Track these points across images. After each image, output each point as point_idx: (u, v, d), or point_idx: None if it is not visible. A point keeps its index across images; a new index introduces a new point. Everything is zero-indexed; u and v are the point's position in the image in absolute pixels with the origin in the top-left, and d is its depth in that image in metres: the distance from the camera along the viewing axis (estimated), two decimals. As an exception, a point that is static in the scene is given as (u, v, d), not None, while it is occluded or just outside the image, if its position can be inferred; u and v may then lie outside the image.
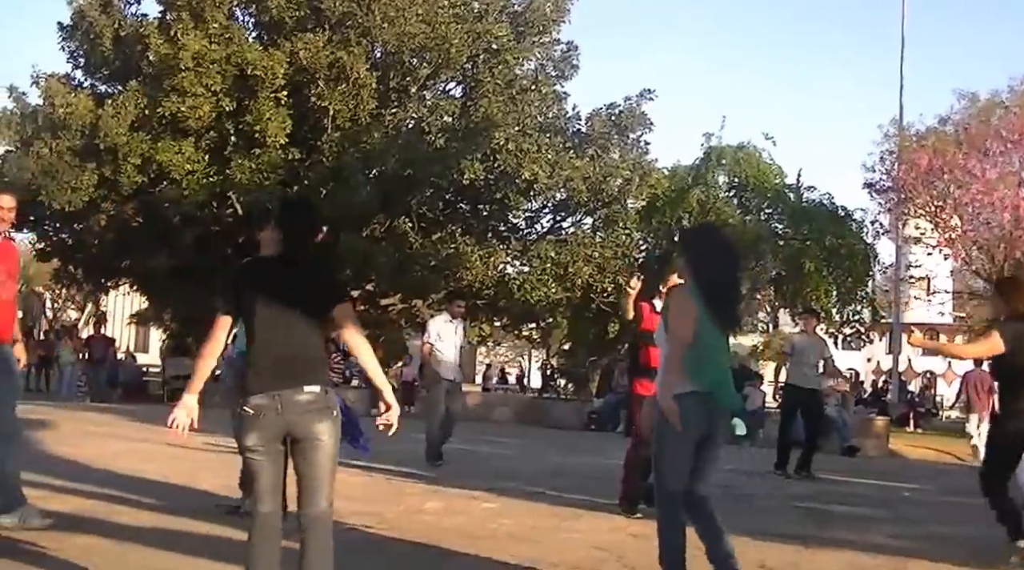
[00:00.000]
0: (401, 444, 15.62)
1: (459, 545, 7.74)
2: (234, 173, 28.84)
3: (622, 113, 31.99)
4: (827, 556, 8.14)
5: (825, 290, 31.14)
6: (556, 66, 33.33)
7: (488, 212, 32.97)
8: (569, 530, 8.89)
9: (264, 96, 28.87)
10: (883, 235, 34.78)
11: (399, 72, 31.62)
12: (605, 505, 10.22)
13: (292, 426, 5.05)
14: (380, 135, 30.33)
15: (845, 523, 10.27)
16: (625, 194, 31.43)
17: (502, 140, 29.17)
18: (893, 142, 33.43)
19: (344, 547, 7.68)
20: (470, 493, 10.37)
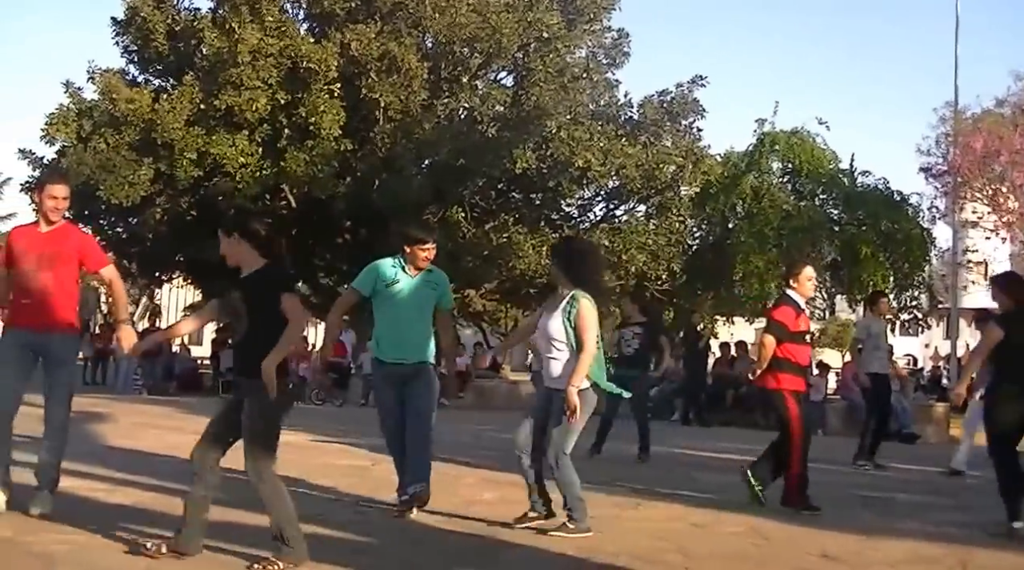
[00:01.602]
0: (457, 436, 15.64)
1: (517, 536, 7.69)
2: (288, 165, 28.96)
3: (674, 99, 31.80)
4: (890, 545, 8.03)
5: (882, 276, 30.77)
6: (607, 54, 33.22)
7: (541, 201, 32.90)
8: (628, 519, 8.83)
9: (317, 88, 28.99)
10: (940, 219, 34.41)
11: (450, 62, 31.62)
12: (664, 494, 10.15)
13: None
14: (432, 125, 30.34)
15: (907, 511, 10.14)
16: (678, 181, 31.25)
17: (554, 128, 29.10)
18: (948, 125, 33.03)
19: (401, 538, 7.71)
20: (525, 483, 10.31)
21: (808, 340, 9.70)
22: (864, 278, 29.99)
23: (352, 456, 13.00)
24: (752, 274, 29.50)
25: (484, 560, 7.04)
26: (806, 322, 9.76)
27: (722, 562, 7.04)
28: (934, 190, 33.36)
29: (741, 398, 24.65)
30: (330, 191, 29.53)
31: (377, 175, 30.06)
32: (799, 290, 9.92)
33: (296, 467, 11.08)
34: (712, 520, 8.91)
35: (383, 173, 29.87)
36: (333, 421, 19.29)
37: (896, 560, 7.47)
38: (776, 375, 9.63)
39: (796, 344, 9.61)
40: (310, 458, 12.31)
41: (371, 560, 6.66)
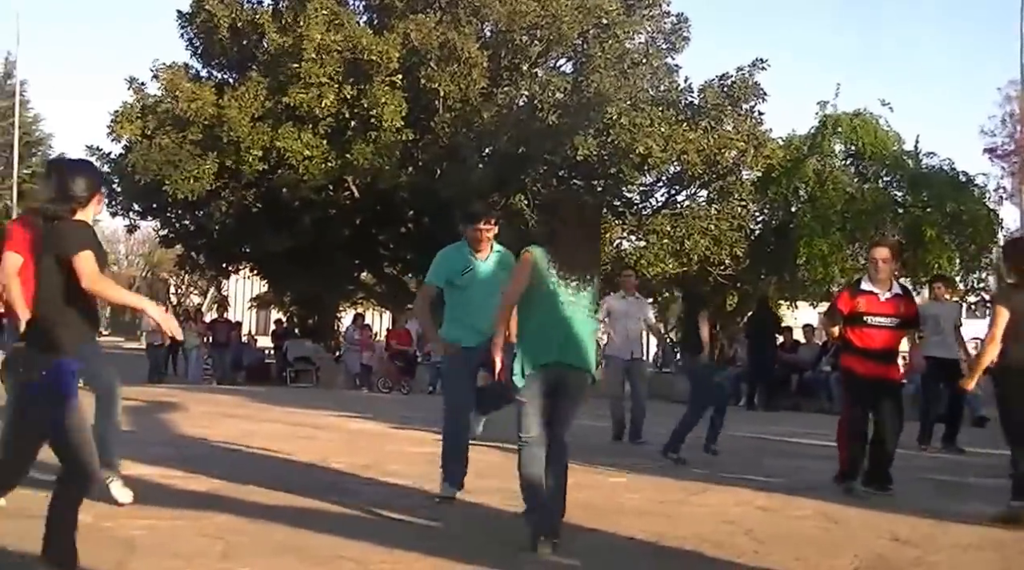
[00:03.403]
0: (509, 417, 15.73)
1: (587, 520, 7.72)
2: (354, 157, 29.18)
3: (734, 83, 31.60)
4: (962, 529, 7.99)
5: (948, 257, 30.46)
6: (667, 39, 33.16)
7: (602, 187, 32.84)
8: (696, 504, 8.86)
9: (379, 81, 29.17)
10: (1007, 200, 34.04)
11: (510, 50, 31.69)
12: (731, 479, 10.17)
13: None
14: (492, 114, 30.43)
15: (980, 495, 10.09)
16: (740, 165, 31.10)
17: (615, 115, 29.04)
18: (1014, 104, 32.66)
19: (475, 521, 7.80)
20: (596, 468, 10.37)
21: (869, 322, 9.65)
22: (930, 260, 29.71)
23: (424, 442, 13.10)
24: (815, 258, 29.30)
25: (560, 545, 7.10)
26: (870, 303, 9.70)
27: (791, 545, 7.05)
28: (1000, 170, 33.00)
29: (806, 382, 24.55)
30: (393, 181, 29.74)
31: (439, 164, 30.22)
32: (869, 271, 10.01)
33: (365, 454, 11.24)
34: (780, 504, 8.92)
35: (445, 162, 30.03)
36: (401, 409, 19.44)
37: (967, 544, 7.45)
38: (842, 356, 9.85)
39: (851, 326, 9.67)
40: (379, 445, 12.45)
41: (437, 544, 6.73)
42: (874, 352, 9.60)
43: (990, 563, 6.82)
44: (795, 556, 6.73)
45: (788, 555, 6.74)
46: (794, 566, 6.50)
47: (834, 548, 7.05)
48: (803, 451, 12.58)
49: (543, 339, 6.86)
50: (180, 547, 6.43)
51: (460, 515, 8.04)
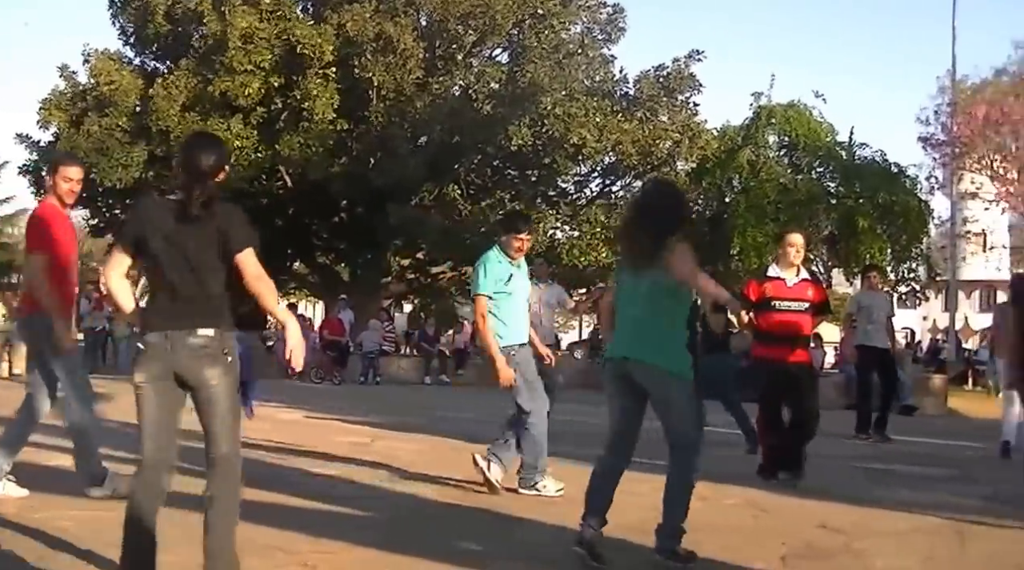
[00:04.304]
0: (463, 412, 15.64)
1: (522, 511, 7.70)
2: (283, 148, 28.96)
3: (670, 75, 31.76)
4: (891, 516, 8.04)
5: (879, 248, 30.79)
6: (602, 29, 33.21)
7: (537, 177, 32.89)
8: (624, 493, 8.80)
9: (312, 73, 28.98)
10: (938, 190, 34.42)
11: (445, 40, 31.62)
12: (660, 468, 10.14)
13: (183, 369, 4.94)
14: (426, 104, 30.36)
15: (908, 483, 10.15)
16: (675, 156, 31.27)
17: (549, 105, 29.07)
18: (948, 95, 33.02)
19: (405, 512, 7.74)
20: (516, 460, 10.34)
21: (777, 307, 9.65)
22: (861, 251, 30.00)
23: (353, 433, 13.02)
24: (749, 248, 29.49)
25: (494, 534, 7.05)
26: (777, 289, 9.72)
27: (720, 534, 7.05)
28: (932, 161, 33.37)
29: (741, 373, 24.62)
30: (325, 172, 29.57)
31: (373, 154, 30.09)
32: (780, 258, 10.00)
33: (295, 444, 11.13)
34: (710, 493, 8.89)
35: (378, 152, 29.91)
36: (333, 399, 19.32)
37: (895, 530, 7.49)
38: (752, 345, 10.01)
39: (761, 312, 9.68)
40: (310, 435, 12.34)
41: (377, 536, 6.66)
42: (781, 336, 9.60)
43: (915, 548, 6.86)
44: (723, 545, 6.73)
45: (716, 544, 6.73)
46: (722, 554, 6.49)
47: (762, 536, 7.06)
48: (734, 440, 12.59)
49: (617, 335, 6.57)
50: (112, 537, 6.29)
51: (391, 505, 7.98)
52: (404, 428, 13.60)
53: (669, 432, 6.35)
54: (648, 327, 6.27)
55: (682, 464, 6.37)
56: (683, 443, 6.33)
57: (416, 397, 22.27)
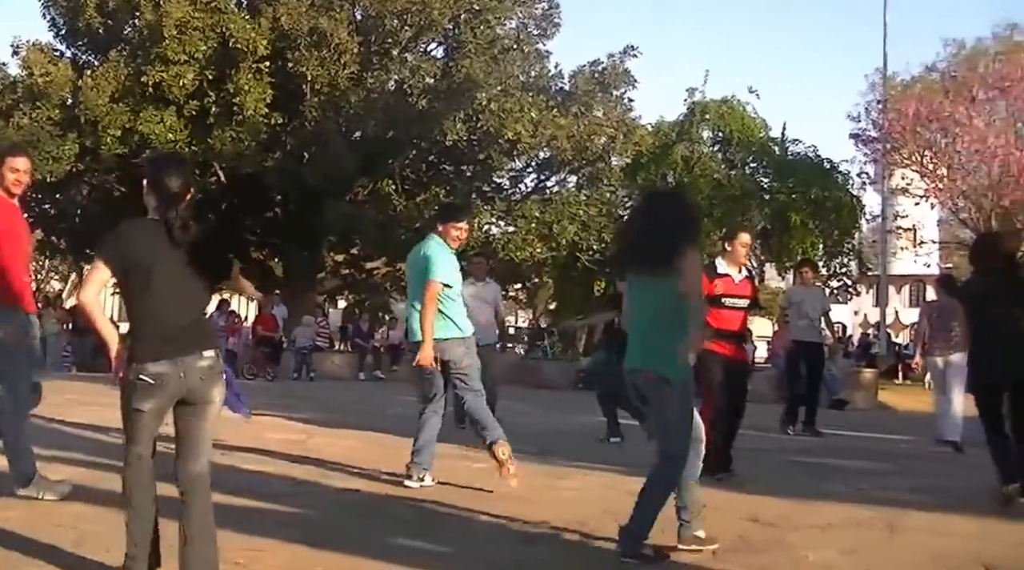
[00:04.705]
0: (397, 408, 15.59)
1: (453, 505, 7.71)
2: (216, 142, 28.71)
3: (605, 70, 31.86)
4: (822, 509, 8.13)
5: (812, 243, 31.06)
6: (538, 24, 33.22)
7: (472, 173, 32.88)
8: (564, 488, 8.87)
9: (245, 67, 28.74)
10: (869, 186, 34.78)
11: (380, 35, 31.50)
12: (599, 464, 10.19)
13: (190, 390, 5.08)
14: (360, 99, 30.26)
15: (838, 476, 10.25)
16: (609, 151, 31.36)
17: (484, 100, 29.06)
18: (879, 92, 33.37)
19: (340, 509, 7.70)
20: (461, 454, 10.33)
21: (727, 304, 9.71)
22: (794, 246, 30.25)
23: (286, 429, 12.94)
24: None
25: (426, 530, 7.03)
26: (727, 286, 9.77)
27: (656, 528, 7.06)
28: (864, 157, 33.69)
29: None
30: (259, 166, 29.37)
31: (307, 149, 29.96)
32: (731, 256, 10.01)
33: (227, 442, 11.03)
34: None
35: (312, 147, 29.79)
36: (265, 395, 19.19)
37: (826, 523, 7.57)
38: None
39: (712, 308, 9.68)
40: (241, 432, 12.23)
41: (308, 533, 6.63)
42: (731, 333, 9.68)
43: (845, 540, 6.94)
44: (656, 539, 6.74)
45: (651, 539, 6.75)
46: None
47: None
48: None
49: (630, 345, 6.53)
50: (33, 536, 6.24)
51: (324, 502, 7.94)
52: (338, 424, 13.54)
53: (662, 438, 6.37)
54: (656, 336, 6.28)
55: (660, 476, 6.35)
56: (666, 455, 6.33)
57: (350, 393, 22.18)
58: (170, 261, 5.00)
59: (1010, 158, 27.56)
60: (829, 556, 6.51)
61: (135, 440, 5.23)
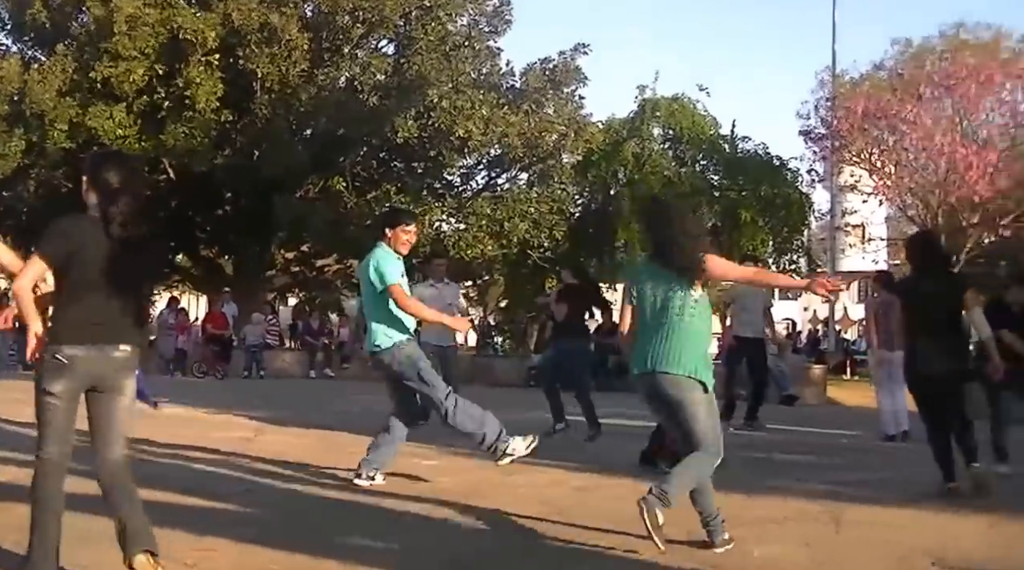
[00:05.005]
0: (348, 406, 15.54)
1: (402, 503, 7.71)
2: (167, 138, 28.49)
3: (556, 68, 31.91)
4: (769, 504, 8.19)
5: (761, 240, 31.18)
6: (489, 22, 33.20)
7: (422, 170, 32.84)
8: (512, 485, 8.89)
9: (195, 60, 28.54)
10: (818, 183, 35.00)
11: (331, 32, 31.42)
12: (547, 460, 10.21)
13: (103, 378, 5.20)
14: (311, 96, 30.17)
15: (787, 471, 10.34)
16: (560, 149, 31.41)
17: (436, 97, 29.03)
18: (828, 89, 33.60)
19: (290, 507, 7.69)
20: (411, 450, 10.34)
21: None
22: (744, 243, 30.38)
23: (236, 428, 12.89)
24: (635, 241, 29.69)
25: (376, 527, 7.04)
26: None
27: (604, 524, 7.12)
28: (813, 154, 33.91)
29: (623, 364, 24.77)
30: (209, 163, 29.20)
31: (257, 146, 29.82)
32: None
33: (177, 440, 10.99)
34: (595, 484, 9.01)
35: (263, 144, 29.63)
36: (215, 393, 19.12)
37: (774, 517, 7.63)
38: None
39: None
40: (191, 431, 12.19)
41: (258, 532, 6.62)
42: None
43: (792, 535, 7.00)
44: (607, 535, 6.79)
45: (600, 534, 6.80)
46: (606, 544, 6.55)
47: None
48: (619, 431, 12.72)
49: (640, 349, 6.65)
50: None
51: (274, 501, 7.93)
52: (288, 422, 13.51)
53: (687, 437, 6.56)
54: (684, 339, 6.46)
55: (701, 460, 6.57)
56: (708, 451, 6.56)
57: (300, 391, 22.13)
58: (104, 255, 5.10)
59: (956, 155, 27.82)
60: (776, 550, 6.57)
61: (45, 437, 5.28)
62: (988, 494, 8.64)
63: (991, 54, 30.34)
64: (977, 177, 27.42)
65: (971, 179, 27.49)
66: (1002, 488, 9.50)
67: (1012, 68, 29.33)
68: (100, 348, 5.13)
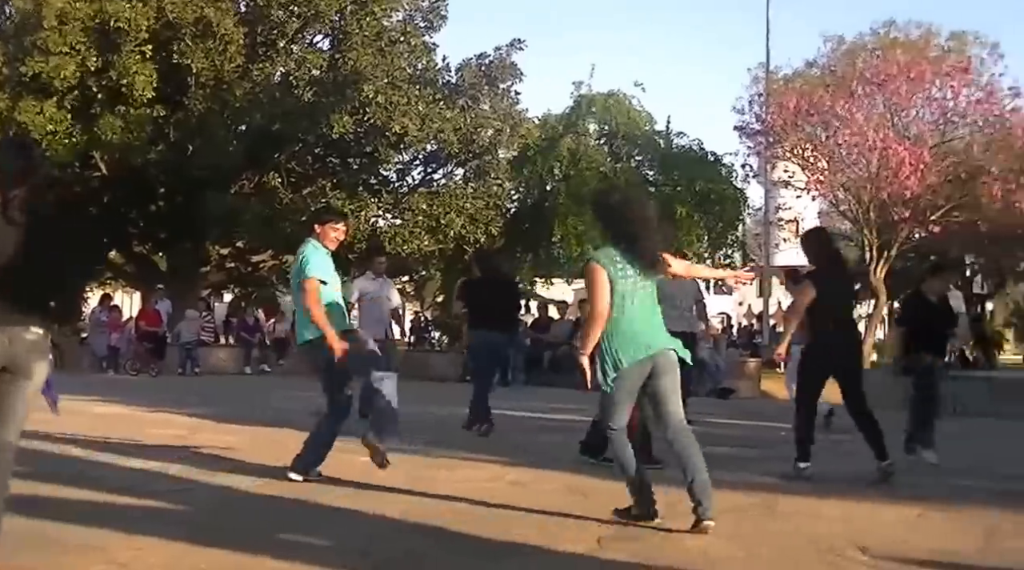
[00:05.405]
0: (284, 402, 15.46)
1: (338, 500, 7.70)
2: (102, 131, 28.13)
3: (492, 63, 31.90)
4: (703, 496, 8.26)
5: (697, 235, 31.46)
6: (424, 17, 33.10)
7: (358, 165, 32.73)
8: (448, 480, 8.90)
9: (129, 50, 28.18)
10: (752, 179, 35.25)
11: (267, 26, 31.19)
12: (483, 455, 10.24)
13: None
14: (246, 91, 29.94)
15: (721, 464, 10.34)
16: (496, 144, 31.43)
17: (371, 93, 28.94)
18: (762, 86, 33.82)
19: (223, 504, 7.67)
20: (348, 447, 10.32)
21: None
22: (680, 238, 30.58)
23: (170, 425, 12.80)
24: (570, 236, 29.83)
25: (312, 525, 7.02)
26: None
27: (540, 518, 7.15)
28: (747, 149, 34.13)
29: (559, 358, 24.89)
30: (143, 158, 28.91)
31: (191, 142, 29.56)
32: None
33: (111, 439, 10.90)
34: (531, 478, 9.03)
35: (197, 139, 29.37)
36: (149, 391, 18.97)
37: (707, 510, 7.69)
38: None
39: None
40: (125, 429, 12.09)
41: (191, 530, 6.58)
42: None
43: (725, 526, 7.04)
44: (542, 529, 6.82)
45: (535, 528, 6.83)
46: (541, 539, 6.57)
47: (580, 520, 7.16)
48: (554, 426, 12.77)
49: (633, 337, 6.99)
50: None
51: (207, 498, 7.90)
52: (222, 419, 13.44)
53: (669, 416, 7.16)
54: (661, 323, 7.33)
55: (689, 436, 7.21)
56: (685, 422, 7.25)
57: (236, 387, 22.00)
58: (6, 240, 5.09)
59: (888, 152, 28.06)
60: (709, 541, 6.62)
61: None
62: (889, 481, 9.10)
63: (921, 52, 30.66)
64: (908, 173, 27.68)
65: (902, 175, 27.74)
66: (930, 478, 9.70)
67: (941, 66, 29.67)
68: (10, 329, 5.12)
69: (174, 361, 26.77)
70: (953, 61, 30.18)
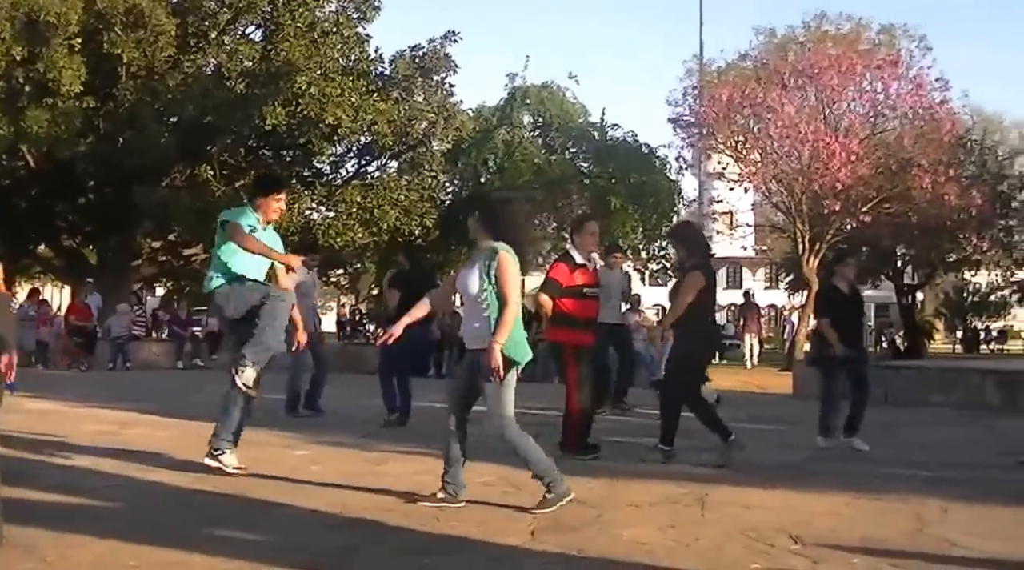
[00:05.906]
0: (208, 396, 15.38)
1: (272, 494, 7.66)
2: (28, 124, 27.70)
3: (426, 55, 31.85)
4: (637, 487, 8.30)
5: (631, 227, 31.61)
6: (357, 8, 32.93)
7: (291, 158, 32.56)
8: (381, 474, 8.87)
9: (57, 43, 27.77)
10: (687, 171, 35.47)
11: (198, 17, 30.94)
12: (417, 449, 10.21)
13: None
14: (178, 82, 29.69)
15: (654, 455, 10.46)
16: (430, 137, 31.41)
17: (304, 85, 28.80)
18: (695, 78, 34.04)
19: (154, 500, 7.60)
20: (281, 442, 10.27)
21: (588, 294, 9.96)
22: (614, 230, 30.72)
23: (100, 421, 12.66)
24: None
25: (244, 520, 6.97)
26: (585, 276, 9.98)
27: (474, 511, 7.16)
28: (681, 141, 34.33)
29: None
30: (72, 150, 28.54)
31: (121, 134, 29.26)
32: (581, 245, 10.18)
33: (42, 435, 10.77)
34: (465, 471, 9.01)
35: (128, 131, 29.08)
36: (80, 386, 18.76)
37: (641, 501, 7.73)
38: (555, 329, 9.98)
39: (573, 299, 9.86)
40: (57, 425, 11.95)
41: (120, 526, 6.52)
42: (592, 321, 9.96)
43: (659, 517, 7.10)
44: (477, 522, 6.83)
45: (470, 521, 6.84)
46: (475, 531, 6.57)
47: (514, 512, 7.17)
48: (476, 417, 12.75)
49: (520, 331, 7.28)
50: None
51: (138, 494, 7.82)
52: (154, 414, 13.32)
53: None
54: None
55: None
56: None
57: (168, 382, 21.80)
58: None
59: (819, 143, 28.37)
60: (643, 532, 6.65)
61: None
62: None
63: (852, 45, 31.03)
64: (839, 165, 28.00)
65: (833, 166, 28.06)
66: (857, 466, 9.85)
67: (872, 59, 30.02)
68: None
69: (104, 356, 26.48)
70: (883, 54, 30.57)
